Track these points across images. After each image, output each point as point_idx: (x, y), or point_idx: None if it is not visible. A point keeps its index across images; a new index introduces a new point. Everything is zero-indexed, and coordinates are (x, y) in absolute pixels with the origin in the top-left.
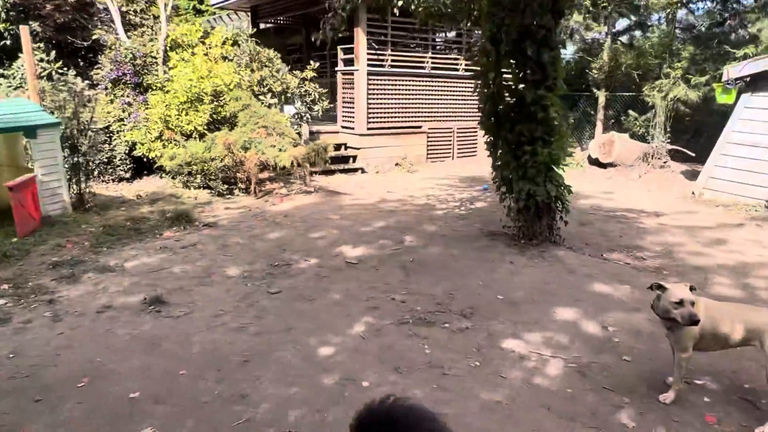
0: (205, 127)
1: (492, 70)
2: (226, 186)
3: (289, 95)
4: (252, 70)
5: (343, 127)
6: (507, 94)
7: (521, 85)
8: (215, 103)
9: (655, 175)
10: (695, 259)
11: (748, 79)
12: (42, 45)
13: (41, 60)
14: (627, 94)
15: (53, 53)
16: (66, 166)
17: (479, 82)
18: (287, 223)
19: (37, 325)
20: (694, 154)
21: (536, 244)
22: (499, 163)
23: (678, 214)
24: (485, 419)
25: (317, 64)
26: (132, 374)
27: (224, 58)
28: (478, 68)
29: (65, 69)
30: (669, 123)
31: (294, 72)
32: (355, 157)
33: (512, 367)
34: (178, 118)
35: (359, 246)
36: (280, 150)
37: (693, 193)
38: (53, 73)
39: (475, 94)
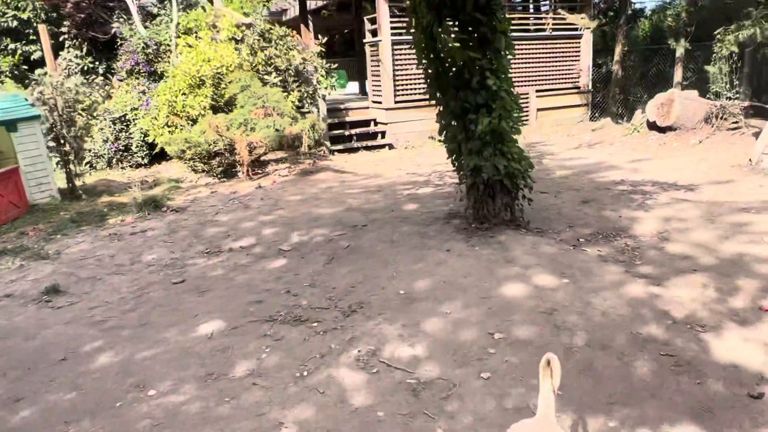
0: (209, 111)
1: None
2: (220, 169)
3: (291, 72)
4: (253, 51)
5: (373, 102)
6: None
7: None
8: (222, 85)
9: (719, 139)
10: (694, 251)
11: None
12: (75, 42)
13: (76, 56)
14: (708, 43)
15: (84, 49)
16: (52, 156)
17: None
18: (255, 206)
19: None
20: None
21: (488, 227)
22: (448, 134)
23: (715, 186)
24: None
25: (325, 38)
26: None
27: (235, 39)
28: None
29: (95, 63)
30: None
31: (297, 48)
32: (383, 133)
33: (341, 381)
34: (183, 104)
35: (308, 230)
36: (277, 130)
37: (750, 160)
38: (85, 67)
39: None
